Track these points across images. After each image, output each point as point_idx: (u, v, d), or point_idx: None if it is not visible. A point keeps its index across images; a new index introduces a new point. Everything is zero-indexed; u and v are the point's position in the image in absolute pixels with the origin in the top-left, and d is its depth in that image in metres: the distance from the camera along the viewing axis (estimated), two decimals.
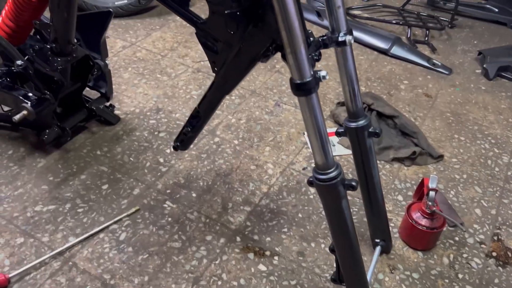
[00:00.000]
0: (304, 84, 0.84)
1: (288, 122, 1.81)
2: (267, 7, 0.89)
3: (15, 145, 1.60)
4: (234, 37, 0.97)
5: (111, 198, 1.44)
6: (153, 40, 2.27)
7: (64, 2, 1.19)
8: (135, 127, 1.73)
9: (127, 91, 1.91)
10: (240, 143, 1.69)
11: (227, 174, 1.56)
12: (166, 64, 2.10)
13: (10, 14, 1.33)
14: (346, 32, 0.96)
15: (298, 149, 1.68)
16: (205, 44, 1.05)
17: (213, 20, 0.98)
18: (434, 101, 2.01)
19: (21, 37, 1.41)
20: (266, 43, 0.95)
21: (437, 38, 2.51)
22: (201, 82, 2.00)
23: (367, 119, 1.10)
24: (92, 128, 1.70)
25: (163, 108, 1.84)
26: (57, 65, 1.35)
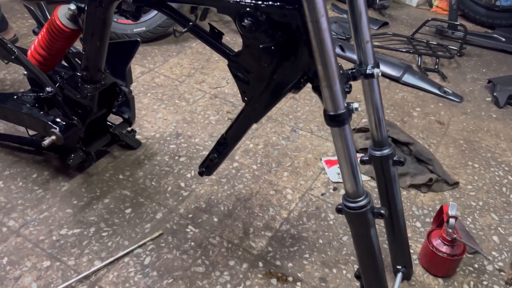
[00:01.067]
0: (338, 115, 0.88)
1: (305, 148, 1.84)
2: (300, 41, 0.94)
3: (39, 169, 1.63)
4: (267, 69, 1.01)
5: (135, 222, 1.46)
6: (171, 66, 2.33)
7: (98, 32, 1.24)
8: (156, 152, 1.76)
9: (147, 116, 1.95)
10: (258, 168, 1.72)
11: (247, 199, 1.58)
12: (184, 90, 2.15)
13: (43, 42, 1.38)
14: (374, 65, 1.01)
15: (316, 174, 1.71)
16: (236, 75, 1.09)
17: (246, 53, 1.03)
18: (447, 128, 2.05)
19: (52, 64, 1.45)
20: (298, 75, 1.00)
21: (447, 66, 2.57)
22: (219, 108, 2.05)
23: (391, 148, 1.13)
24: (114, 152, 1.73)
25: (182, 133, 1.88)
26: (86, 92, 1.39)
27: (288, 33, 0.95)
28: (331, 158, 1.78)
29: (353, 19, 0.98)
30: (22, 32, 2.49)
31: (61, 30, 1.30)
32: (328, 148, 1.85)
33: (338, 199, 1.61)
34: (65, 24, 1.28)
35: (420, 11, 3.27)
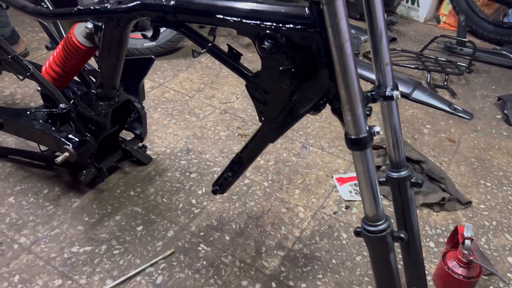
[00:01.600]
0: (360, 139, 0.87)
1: (316, 165, 1.83)
2: (320, 64, 0.94)
3: (50, 184, 1.62)
4: (286, 91, 1.01)
5: (146, 239, 1.45)
6: (181, 81, 2.33)
7: (114, 51, 1.25)
8: (167, 168, 1.76)
9: (157, 132, 1.95)
10: (270, 185, 1.71)
11: (259, 217, 1.57)
12: (194, 105, 2.15)
13: (58, 59, 1.38)
14: (393, 87, 1.01)
15: (327, 192, 1.70)
16: (254, 95, 1.09)
17: (265, 74, 1.02)
18: (458, 146, 2.04)
19: (66, 81, 1.45)
20: (317, 97, 0.99)
21: (456, 82, 2.56)
22: (229, 123, 2.05)
23: (409, 170, 1.12)
24: (125, 168, 1.73)
25: (193, 148, 1.87)
26: (101, 110, 1.39)
27: (308, 55, 0.95)
28: (342, 176, 1.77)
29: (373, 41, 0.98)
30: (32, 45, 2.50)
31: (77, 47, 1.30)
32: (339, 165, 1.84)
33: (351, 217, 1.60)
34: (81, 42, 1.29)
35: (427, 27, 3.28)
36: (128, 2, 1.10)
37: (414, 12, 3.34)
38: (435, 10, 3.35)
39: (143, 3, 1.08)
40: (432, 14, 3.35)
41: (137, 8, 1.08)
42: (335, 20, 0.78)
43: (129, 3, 1.09)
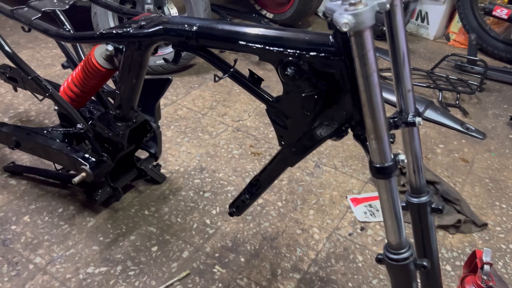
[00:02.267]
0: (385, 168, 0.87)
1: (330, 185, 1.83)
2: (343, 90, 0.94)
3: (65, 203, 1.62)
4: (307, 116, 1.01)
5: (161, 260, 1.44)
6: (193, 99, 2.34)
7: (134, 73, 1.25)
8: (181, 187, 1.76)
9: (171, 150, 1.95)
10: (283, 205, 1.70)
11: (274, 238, 1.56)
12: (207, 123, 2.16)
13: (77, 80, 1.39)
14: (415, 114, 1.01)
15: (342, 213, 1.69)
16: (275, 120, 1.09)
17: (286, 100, 1.03)
18: (471, 166, 2.03)
19: (83, 101, 1.47)
20: (340, 123, 0.99)
21: (467, 101, 2.56)
22: (241, 142, 2.05)
23: (429, 195, 1.11)
24: (139, 187, 1.73)
25: (206, 167, 1.87)
26: (118, 131, 1.39)
27: (331, 81, 0.95)
28: (357, 196, 1.77)
29: (395, 68, 0.99)
30: (46, 62, 2.53)
31: (97, 69, 1.31)
32: (353, 185, 1.84)
33: (366, 239, 1.58)
34: (101, 64, 1.30)
35: (437, 45, 3.29)
36: (150, 27, 1.11)
37: (424, 29, 3.35)
38: (445, 28, 3.36)
39: (165, 28, 1.09)
40: (441, 32, 3.37)
41: (159, 33, 1.09)
42: (362, 51, 0.78)
43: (151, 28, 1.11)
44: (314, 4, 2.94)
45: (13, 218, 1.55)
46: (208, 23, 1.06)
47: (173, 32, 1.08)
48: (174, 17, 1.11)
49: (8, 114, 2.07)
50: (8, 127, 1.56)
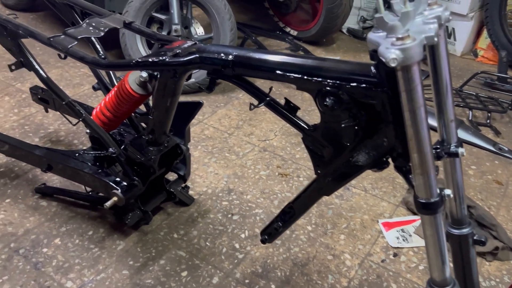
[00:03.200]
0: (431, 204, 0.84)
1: (360, 208, 1.79)
2: (385, 122, 0.92)
3: (94, 225, 1.63)
4: (347, 147, 0.99)
5: (191, 286, 1.43)
6: (219, 118, 2.34)
7: (167, 99, 1.26)
8: (209, 209, 1.74)
9: (198, 170, 1.94)
10: (313, 230, 1.68)
11: (304, 264, 1.53)
12: (234, 143, 2.15)
13: (110, 105, 1.40)
14: (457, 144, 0.98)
15: (374, 238, 1.65)
16: (311, 148, 1.07)
17: (324, 129, 1.01)
18: (506, 189, 1.97)
19: (115, 125, 1.47)
20: (380, 154, 0.97)
21: (499, 120, 2.50)
22: (268, 162, 2.03)
23: (471, 227, 1.07)
24: (168, 209, 1.72)
25: (234, 188, 1.86)
26: (150, 155, 1.39)
27: (372, 112, 0.93)
28: (388, 220, 1.72)
29: (437, 97, 0.96)
30: (74, 81, 2.57)
31: (130, 95, 1.32)
32: (384, 208, 1.80)
33: (400, 266, 1.54)
34: (134, 89, 1.31)
35: (465, 61, 3.23)
36: (185, 55, 1.11)
37: (451, 45, 3.30)
38: (472, 44, 3.31)
39: (201, 56, 1.09)
40: (469, 48, 3.31)
41: (195, 61, 1.09)
42: (410, 85, 0.76)
43: (186, 56, 1.11)
44: (339, 21, 2.93)
45: (45, 241, 1.55)
46: (245, 52, 1.05)
47: (209, 60, 1.08)
48: (209, 46, 1.11)
49: (38, 134, 2.10)
50: (40, 150, 1.57)
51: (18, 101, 2.33)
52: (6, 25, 1.35)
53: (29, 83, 2.43)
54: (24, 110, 2.26)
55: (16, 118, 2.20)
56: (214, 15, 2.39)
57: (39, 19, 3.30)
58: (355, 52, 3.14)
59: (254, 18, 3.51)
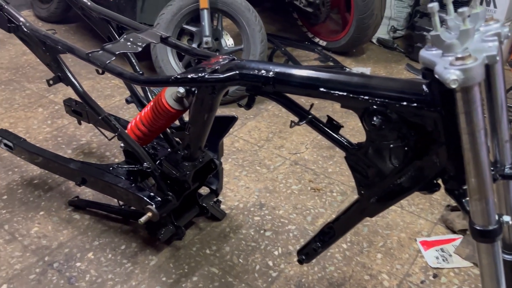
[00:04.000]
0: (489, 231, 0.79)
1: (397, 225, 1.73)
2: (437, 142, 0.87)
3: (127, 240, 1.62)
4: (394, 168, 0.95)
5: None
6: (249, 130, 2.32)
7: (204, 115, 1.24)
8: (241, 224, 1.72)
9: (229, 184, 1.92)
10: (349, 248, 1.63)
11: (340, 284, 1.49)
12: (264, 156, 2.12)
13: (145, 119, 1.39)
14: None
15: (412, 257, 1.59)
16: (354, 167, 1.03)
17: (369, 148, 0.97)
18: None
19: (150, 140, 1.47)
20: (430, 176, 0.92)
21: None
22: (300, 176, 1.99)
23: None
24: (200, 223, 1.70)
25: (265, 203, 1.83)
26: (186, 171, 1.38)
27: (422, 132, 0.89)
28: (427, 239, 1.66)
29: (491, 117, 0.91)
30: (105, 92, 2.59)
31: (167, 110, 1.30)
32: (421, 226, 1.73)
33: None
34: (171, 105, 1.29)
35: None
36: (225, 72, 1.09)
37: None
38: (508, 54, 3.20)
39: (241, 73, 1.06)
40: (504, 58, 3.21)
41: (234, 78, 1.07)
42: (470, 108, 0.72)
43: (226, 72, 1.08)
44: (370, 32, 2.88)
45: (78, 255, 1.55)
46: (286, 68, 1.02)
47: (249, 77, 1.05)
48: (249, 62, 1.09)
49: (71, 146, 2.12)
50: (75, 163, 1.58)
51: (51, 112, 2.36)
52: (45, 41, 1.36)
53: (61, 95, 2.47)
54: (57, 121, 2.29)
55: (49, 129, 2.22)
56: (244, 26, 2.38)
57: (71, 31, 3.36)
58: (386, 62, 3.09)
59: (282, 28, 3.49)
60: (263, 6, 3.66)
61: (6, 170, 1.93)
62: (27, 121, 2.28)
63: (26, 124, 2.25)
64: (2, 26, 1.42)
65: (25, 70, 2.75)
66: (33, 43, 1.42)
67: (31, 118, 2.31)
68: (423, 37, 2.95)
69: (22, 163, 1.95)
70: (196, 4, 2.33)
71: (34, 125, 2.25)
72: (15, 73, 2.70)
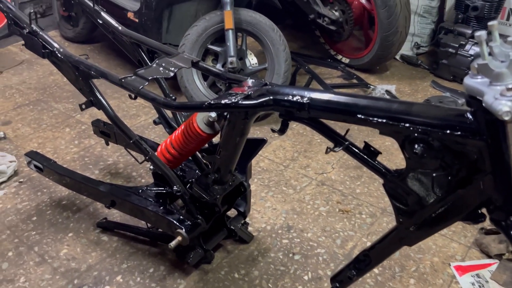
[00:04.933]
0: None
1: (429, 249, 1.69)
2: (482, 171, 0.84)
3: (155, 263, 1.61)
4: (436, 197, 0.92)
5: None
6: (274, 149, 2.31)
7: (235, 140, 1.23)
8: (269, 247, 1.69)
9: (256, 205, 1.90)
10: (381, 273, 1.59)
11: None
12: (290, 176, 2.10)
13: (176, 143, 1.39)
14: None
15: (446, 283, 1.54)
16: (393, 195, 1.01)
17: (410, 176, 0.95)
18: None
19: (179, 163, 1.47)
20: (474, 205, 0.89)
21: None
22: (327, 197, 1.96)
23: None
24: (227, 246, 1.69)
25: (293, 225, 1.80)
26: (216, 194, 1.37)
27: (466, 161, 0.86)
28: (461, 264, 1.61)
29: None
30: (131, 112, 2.61)
31: (198, 134, 1.30)
32: (455, 250, 1.68)
33: None
34: (202, 129, 1.29)
35: None
36: (258, 97, 1.08)
37: None
38: None
39: (275, 99, 1.05)
40: None
41: (268, 103, 1.06)
42: None
43: (259, 98, 1.08)
44: (395, 49, 2.86)
45: (107, 278, 1.55)
46: (320, 94, 1.01)
47: (284, 103, 1.04)
48: (282, 88, 1.08)
49: (98, 166, 2.13)
50: (104, 186, 1.59)
51: (78, 132, 2.39)
52: (78, 66, 1.38)
53: (88, 115, 2.50)
54: (84, 141, 2.31)
55: (76, 149, 2.25)
56: (269, 46, 2.38)
57: (96, 50, 3.42)
58: (410, 79, 3.05)
59: (304, 45, 3.49)
60: (285, 23, 3.67)
61: (35, 191, 1.95)
62: (54, 141, 2.31)
63: (53, 144, 2.29)
64: (37, 52, 1.45)
65: (52, 90, 2.80)
66: (66, 67, 1.44)
67: (59, 138, 2.34)
68: (448, 53, 2.91)
69: (51, 184, 1.97)
70: (221, 24, 2.35)
71: (61, 145, 2.28)
72: (43, 93, 2.75)
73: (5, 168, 1.99)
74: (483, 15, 2.84)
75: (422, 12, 3.20)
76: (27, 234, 1.73)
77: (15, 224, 1.77)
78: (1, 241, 1.69)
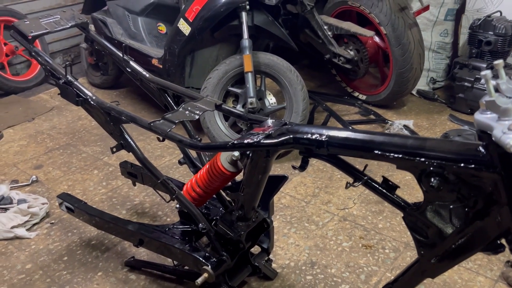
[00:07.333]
0: None
1: (455, 283, 1.67)
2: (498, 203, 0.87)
3: None
4: (455, 229, 0.95)
5: None
6: (295, 186, 2.35)
7: (258, 177, 1.29)
8: (293, 283, 1.71)
9: (279, 242, 1.93)
10: None
11: None
12: (312, 212, 2.13)
13: (201, 182, 1.46)
14: None
15: None
16: (413, 228, 1.04)
17: (428, 209, 0.98)
18: None
19: (204, 201, 1.52)
20: (493, 235, 0.92)
21: None
22: (350, 233, 1.98)
23: None
24: (252, 283, 1.71)
25: (317, 262, 1.82)
26: (240, 231, 1.41)
27: (482, 193, 0.89)
28: None
29: None
30: (156, 153, 2.71)
31: (222, 173, 1.36)
32: (481, 284, 1.66)
33: None
34: (226, 168, 1.35)
35: None
36: (279, 136, 1.14)
37: None
38: None
39: (295, 137, 1.11)
40: None
41: (288, 142, 1.12)
42: None
43: (279, 137, 1.14)
44: (410, 85, 2.92)
45: None
46: (338, 132, 1.07)
47: (303, 141, 1.10)
48: (301, 126, 1.14)
49: (125, 206, 2.21)
50: (133, 225, 1.65)
51: (106, 174, 2.49)
52: (109, 112, 1.47)
53: (115, 157, 2.60)
54: (112, 183, 2.40)
55: (104, 191, 2.34)
56: (287, 86, 2.48)
57: (122, 95, 3.57)
58: (428, 113, 3.09)
59: (321, 84, 3.58)
60: (301, 63, 3.79)
61: (66, 231, 2.03)
62: (83, 183, 2.40)
63: (83, 186, 2.38)
64: (71, 100, 1.56)
65: (81, 134, 2.93)
66: (98, 113, 1.54)
67: (87, 180, 2.44)
68: (465, 87, 2.96)
69: (80, 224, 2.04)
70: (240, 68, 2.46)
71: (90, 187, 2.37)
72: (72, 138, 2.88)
73: (38, 210, 2.08)
74: (496, 49, 2.89)
75: (436, 48, 3.27)
76: (59, 273, 1.79)
77: (47, 264, 1.84)
78: (34, 281, 1.76)
